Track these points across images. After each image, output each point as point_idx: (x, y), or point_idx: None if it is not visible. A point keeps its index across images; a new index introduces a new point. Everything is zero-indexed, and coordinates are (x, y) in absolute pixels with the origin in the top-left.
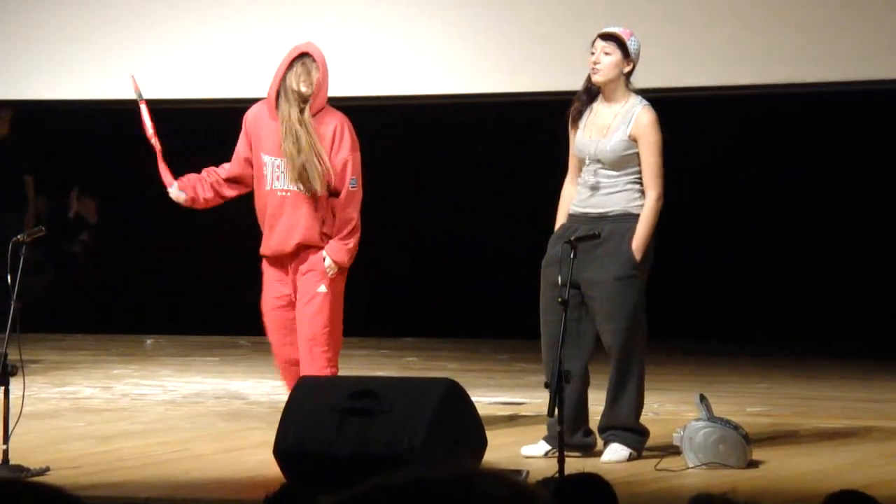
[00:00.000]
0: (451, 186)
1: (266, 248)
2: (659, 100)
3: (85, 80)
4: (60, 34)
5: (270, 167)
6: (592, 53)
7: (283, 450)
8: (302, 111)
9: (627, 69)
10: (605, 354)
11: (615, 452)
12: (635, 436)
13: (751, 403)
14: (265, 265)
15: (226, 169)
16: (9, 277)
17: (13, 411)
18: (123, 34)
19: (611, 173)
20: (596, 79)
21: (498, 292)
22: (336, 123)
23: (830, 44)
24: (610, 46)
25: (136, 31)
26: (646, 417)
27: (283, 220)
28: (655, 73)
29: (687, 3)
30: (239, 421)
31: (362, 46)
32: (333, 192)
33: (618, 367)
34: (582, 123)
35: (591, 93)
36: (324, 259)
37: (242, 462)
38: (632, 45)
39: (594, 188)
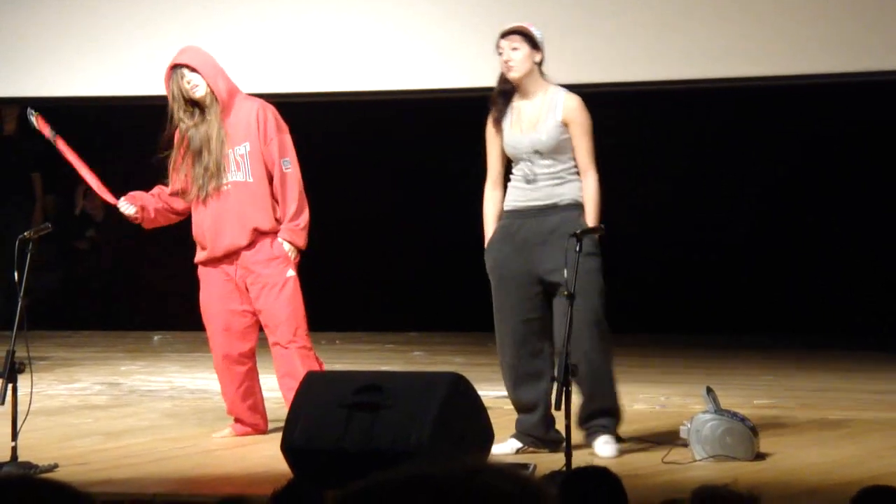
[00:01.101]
0: (458, 180)
1: (215, 249)
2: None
3: (92, 77)
4: (67, 31)
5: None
6: (500, 54)
7: (290, 445)
8: (204, 115)
9: (538, 58)
10: None
11: (606, 445)
12: (617, 420)
13: (758, 396)
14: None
15: (169, 187)
16: (16, 275)
17: (21, 408)
18: (131, 31)
19: (548, 162)
20: (512, 76)
21: None
22: (256, 110)
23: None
24: (516, 41)
25: (144, 27)
26: (653, 410)
27: (231, 215)
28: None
29: None
30: None
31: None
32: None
33: (596, 346)
34: (507, 124)
35: (507, 94)
36: (282, 245)
37: (250, 458)
38: (537, 35)
39: (533, 181)
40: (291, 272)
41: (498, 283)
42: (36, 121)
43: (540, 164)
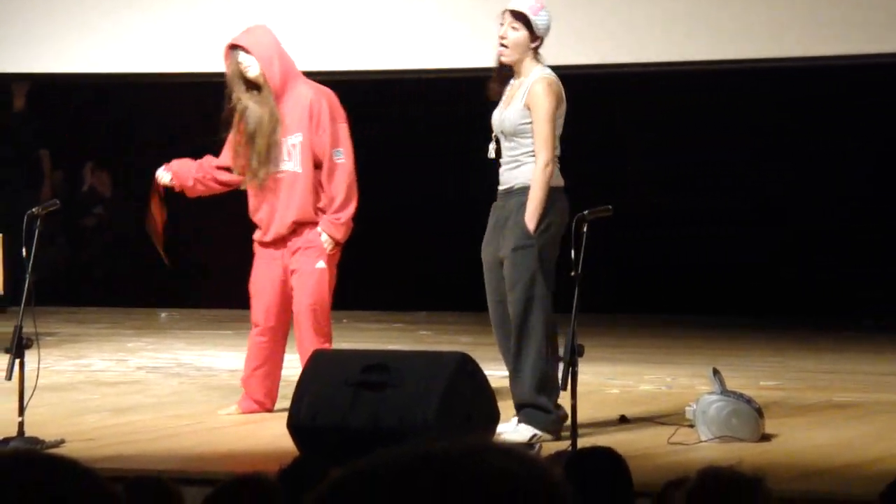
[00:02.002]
0: (468, 161)
1: (261, 236)
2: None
3: (100, 53)
4: (74, 7)
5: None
6: (501, 25)
7: (296, 423)
8: (262, 97)
9: (535, 45)
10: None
11: (517, 433)
12: (539, 413)
13: (764, 377)
14: (259, 248)
15: (219, 159)
16: (24, 250)
17: (28, 384)
18: (139, 7)
19: (509, 145)
20: (502, 58)
21: None
22: (310, 100)
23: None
24: (518, 23)
25: (153, 3)
26: (659, 391)
27: (280, 204)
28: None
29: None
30: None
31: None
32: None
33: (516, 341)
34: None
35: (507, 71)
36: (319, 235)
37: (256, 435)
38: (540, 21)
39: (501, 164)
40: (322, 264)
41: (484, 266)
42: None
43: (505, 146)
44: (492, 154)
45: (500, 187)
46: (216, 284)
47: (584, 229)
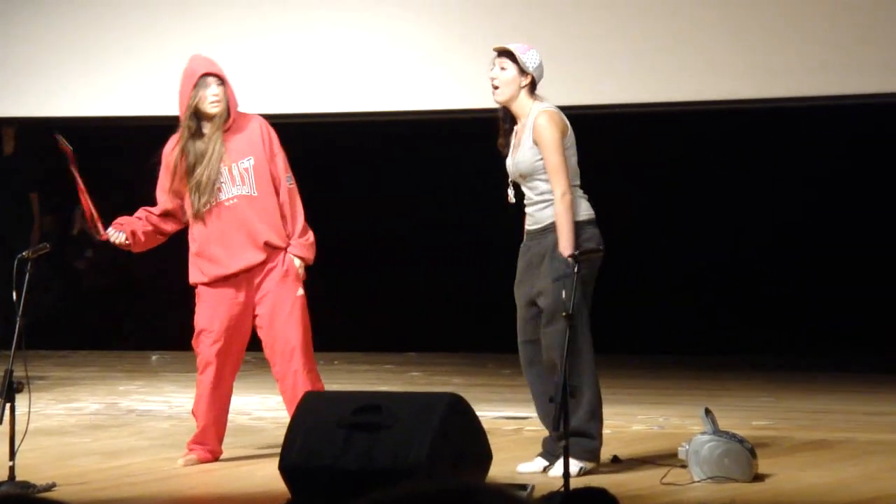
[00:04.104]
0: (457, 201)
1: (228, 266)
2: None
3: (88, 97)
4: (63, 52)
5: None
6: (492, 69)
7: (288, 465)
8: (214, 130)
9: (525, 82)
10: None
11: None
12: (586, 440)
13: (756, 417)
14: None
15: (156, 208)
16: (14, 294)
17: (19, 428)
18: (131, 50)
19: (531, 186)
20: (496, 98)
21: (502, 307)
22: (259, 125)
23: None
24: (506, 61)
25: (139, 48)
26: (651, 431)
27: (239, 230)
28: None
29: (710, 15)
30: (245, 436)
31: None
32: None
33: (565, 371)
34: (511, 147)
35: (509, 114)
36: (293, 261)
37: (249, 477)
38: (528, 60)
39: (528, 205)
40: (301, 291)
41: (517, 305)
42: (59, 141)
43: (527, 188)
44: (512, 199)
45: (531, 227)
46: None
47: (577, 269)
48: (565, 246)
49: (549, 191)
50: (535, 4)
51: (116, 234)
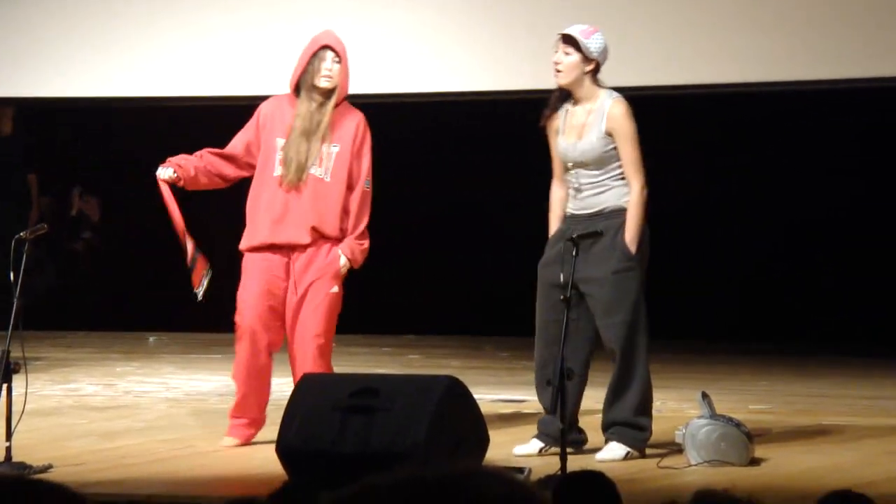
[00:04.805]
0: (456, 184)
1: (269, 236)
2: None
3: (88, 77)
4: (63, 31)
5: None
6: (556, 52)
7: (285, 447)
8: (321, 105)
9: (589, 68)
10: (605, 353)
11: (611, 451)
12: (635, 431)
13: (753, 401)
14: (251, 255)
15: (221, 150)
16: (11, 275)
17: (16, 409)
18: (128, 31)
19: (593, 173)
20: (558, 81)
21: (501, 289)
22: (358, 121)
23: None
24: (569, 46)
25: (141, 27)
26: None
27: (299, 208)
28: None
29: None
30: None
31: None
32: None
33: (621, 362)
34: (560, 128)
35: (563, 95)
36: (339, 258)
37: (246, 459)
38: (592, 45)
39: (579, 190)
40: (335, 288)
41: (540, 282)
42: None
43: (584, 175)
44: (575, 184)
45: (578, 211)
46: (205, 308)
47: (575, 253)
48: (633, 240)
49: (612, 178)
50: None
51: (164, 169)
